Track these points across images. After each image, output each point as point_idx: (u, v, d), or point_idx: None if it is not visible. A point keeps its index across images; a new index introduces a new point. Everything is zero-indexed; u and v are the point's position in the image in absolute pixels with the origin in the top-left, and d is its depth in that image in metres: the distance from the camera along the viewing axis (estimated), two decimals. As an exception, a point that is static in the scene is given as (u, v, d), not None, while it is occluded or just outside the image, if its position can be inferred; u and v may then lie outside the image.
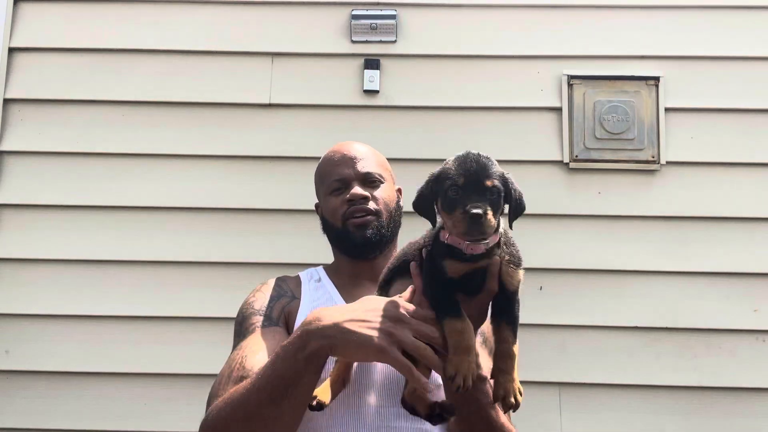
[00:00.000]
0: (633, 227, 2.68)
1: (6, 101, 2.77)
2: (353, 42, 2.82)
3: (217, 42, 2.83)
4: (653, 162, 2.72)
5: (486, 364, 1.34)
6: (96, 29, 2.84)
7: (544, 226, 2.67)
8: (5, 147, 2.74)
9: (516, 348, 1.15)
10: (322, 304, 1.46)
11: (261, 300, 1.49)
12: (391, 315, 1.13)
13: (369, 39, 2.81)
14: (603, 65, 2.79)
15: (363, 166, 1.55)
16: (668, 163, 2.71)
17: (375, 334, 1.10)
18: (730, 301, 2.62)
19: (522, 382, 1.17)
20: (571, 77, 2.77)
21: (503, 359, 1.15)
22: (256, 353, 1.32)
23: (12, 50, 2.81)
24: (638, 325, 2.61)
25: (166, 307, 2.62)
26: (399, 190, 1.65)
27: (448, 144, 2.71)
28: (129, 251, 2.68)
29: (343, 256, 1.58)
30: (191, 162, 2.74)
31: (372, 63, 2.78)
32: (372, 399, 1.30)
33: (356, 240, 1.51)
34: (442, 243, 1.13)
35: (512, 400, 1.13)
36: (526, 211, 1.24)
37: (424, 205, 1.17)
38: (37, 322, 2.63)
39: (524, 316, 2.76)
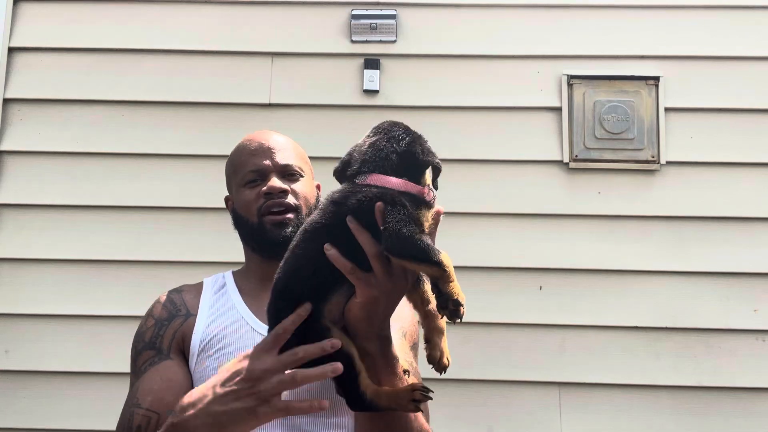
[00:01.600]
0: (633, 227, 2.68)
1: (6, 101, 2.77)
2: (353, 42, 2.82)
3: (217, 42, 2.83)
4: (653, 162, 2.72)
5: (408, 358, 1.32)
6: (96, 29, 2.84)
7: (544, 226, 2.67)
8: (5, 147, 2.74)
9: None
10: (222, 313, 1.38)
11: (152, 328, 1.40)
12: (247, 375, 1.07)
13: (369, 39, 2.81)
14: (603, 65, 2.79)
15: (282, 158, 1.43)
16: (668, 163, 2.71)
17: (239, 405, 1.06)
18: (730, 301, 2.62)
19: (522, 382, 1.17)
20: (571, 77, 2.77)
21: (436, 318, 1.14)
22: (142, 407, 1.27)
23: (12, 50, 2.81)
24: (638, 325, 2.61)
25: (166, 307, 2.62)
26: (318, 186, 1.54)
27: (448, 144, 2.71)
28: (129, 251, 2.68)
29: (254, 255, 1.46)
30: (191, 162, 2.74)
31: (372, 63, 2.78)
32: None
33: (273, 238, 1.37)
34: (408, 194, 1.11)
35: (446, 361, 1.14)
36: (526, 211, 1.24)
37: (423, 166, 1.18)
38: (37, 322, 2.63)
39: (524, 316, 2.76)
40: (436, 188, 1.18)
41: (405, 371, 1.20)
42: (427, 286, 1.17)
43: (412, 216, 1.08)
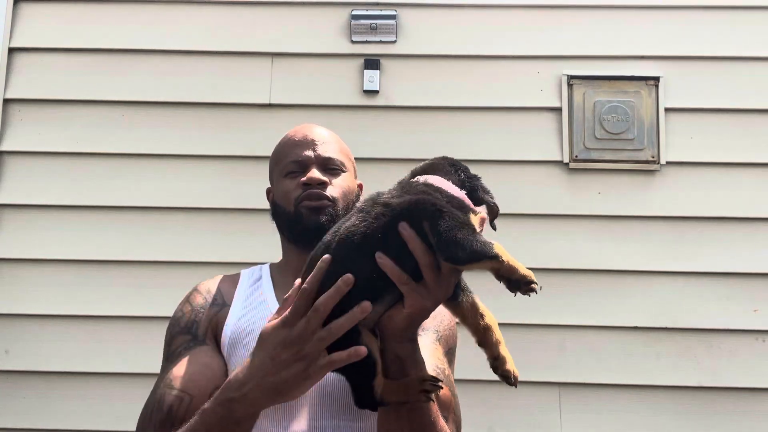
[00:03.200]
0: (633, 227, 2.68)
1: (6, 101, 2.77)
2: (353, 42, 2.82)
3: (217, 42, 2.83)
4: (653, 162, 2.72)
5: (439, 363, 1.30)
6: (96, 29, 2.84)
7: (544, 226, 2.67)
8: (5, 147, 2.74)
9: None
10: (254, 308, 1.37)
11: (188, 314, 1.40)
12: (291, 339, 1.07)
13: (369, 39, 2.81)
14: (603, 65, 2.79)
15: (324, 150, 1.42)
16: (668, 163, 2.71)
17: (291, 372, 1.07)
18: (730, 301, 2.62)
19: (522, 382, 1.16)
20: (571, 77, 2.77)
21: (495, 331, 1.13)
22: (176, 388, 1.26)
23: (12, 50, 2.81)
24: (638, 325, 2.61)
25: (166, 307, 2.60)
26: (360, 186, 1.52)
27: (449, 144, 2.71)
28: (129, 251, 2.68)
29: (291, 246, 1.45)
30: (191, 162, 2.74)
31: (372, 63, 2.78)
32: (304, 410, 1.24)
33: (308, 224, 1.35)
34: (459, 201, 1.11)
35: (517, 372, 1.13)
36: (526, 211, 1.24)
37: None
38: (37, 322, 2.63)
39: (524, 316, 2.76)
40: (494, 229, 1.20)
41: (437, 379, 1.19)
42: (476, 298, 1.15)
43: (459, 219, 1.06)
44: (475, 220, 1.10)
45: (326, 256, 1.09)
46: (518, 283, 1.06)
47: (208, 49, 2.83)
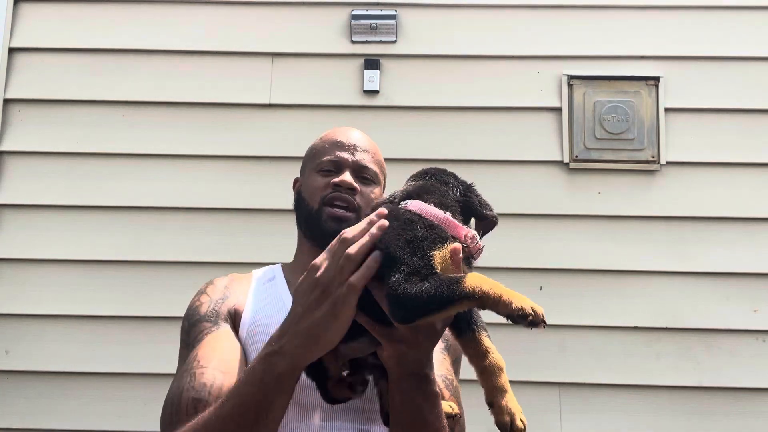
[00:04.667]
0: (633, 227, 2.68)
1: (6, 101, 2.77)
2: (353, 42, 2.82)
3: (217, 42, 2.83)
4: (653, 162, 2.72)
5: (447, 374, 1.29)
6: (96, 29, 2.84)
7: (544, 226, 2.67)
8: (5, 147, 2.74)
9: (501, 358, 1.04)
10: (269, 303, 1.37)
11: (207, 303, 1.38)
12: (319, 280, 1.04)
13: (369, 39, 2.81)
14: (603, 65, 2.79)
15: (362, 158, 1.43)
16: (668, 163, 2.71)
17: (321, 312, 1.03)
18: (730, 301, 2.62)
19: (522, 382, 1.15)
20: (571, 77, 2.77)
21: (496, 374, 1.04)
22: (207, 367, 1.23)
23: (12, 50, 2.81)
24: (638, 325, 2.61)
25: (166, 307, 2.62)
26: None
27: (448, 144, 2.72)
28: (129, 251, 2.68)
29: (306, 241, 1.46)
30: (191, 162, 2.74)
31: (372, 63, 2.78)
32: (317, 412, 1.23)
33: (327, 229, 1.35)
34: (437, 227, 1.04)
35: (520, 423, 1.02)
36: (526, 211, 1.23)
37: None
38: (37, 322, 2.63)
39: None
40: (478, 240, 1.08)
41: (448, 415, 1.14)
42: (483, 335, 1.07)
43: (409, 267, 0.95)
44: (439, 256, 0.98)
45: (383, 215, 1.03)
46: (513, 318, 0.90)
47: (208, 49, 2.83)
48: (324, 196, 1.39)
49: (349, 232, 1.06)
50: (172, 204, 2.71)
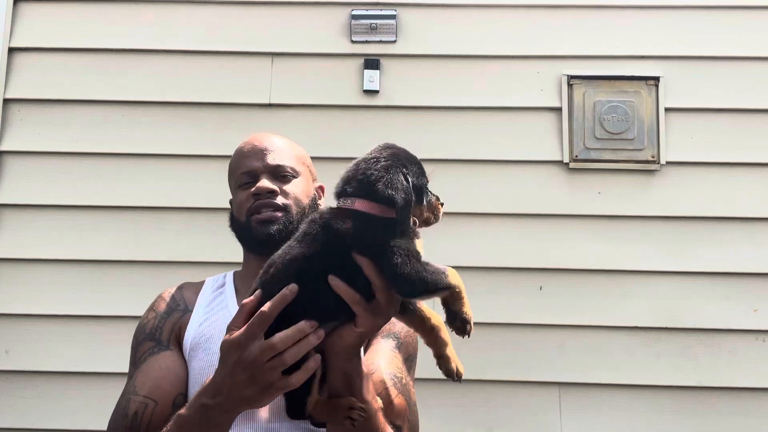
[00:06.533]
0: (633, 227, 2.68)
1: (6, 101, 2.77)
2: (353, 42, 2.82)
3: (217, 42, 2.83)
4: (653, 162, 2.72)
5: (397, 372, 1.32)
6: (96, 29, 2.84)
7: (544, 226, 2.67)
8: (5, 147, 2.74)
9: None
10: (215, 312, 1.41)
11: (152, 320, 1.44)
12: (246, 364, 1.09)
13: (369, 39, 2.81)
14: (603, 65, 2.79)
15: (273, 159, 1.46)
16: (668, 163, 2.71)
17: (251, 391, 1.09)
18: (730, 301, 2.62)
19: (522, 382, 1.17)
20: (571, 77, 2.77)
21: (437, 332, 1.16)
22: (140, 395, 1.29)
23: (12, 50, 2.81)
24: (638, 325, 2.61)
25: (166, 307, 2.62)
26: (321, 188, 1.56)
27: (448, 144, 2.71)
28: (129, 251, 2.68)
29: (250, 254, 1.50)
30: (191, 162, 2.74)
31: (372, 63, 2.78)
32: (264, 412, 1.27)
33: (258, 236, 1.40)
34: (397, 226, 1.13)
35: (460, 369, 1.16)
36: (526, 211, 1.25)
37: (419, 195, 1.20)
38: (37, 322, 2.63)
39: (524, 316, 2.75)
40: (434, 197, 1.25)
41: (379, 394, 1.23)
42: (421, 304, 1.19)
43: (405, 250, 1.09)
44: (419, 244, 1.13)
45: (293, 285, 1.11)
46: (455, 319, 1.11)
47: (208, 49, 2.83)
48: (249, 208, 1.43)
49: (265, 307, 1.10)
50: (172, 204, 2.71)
